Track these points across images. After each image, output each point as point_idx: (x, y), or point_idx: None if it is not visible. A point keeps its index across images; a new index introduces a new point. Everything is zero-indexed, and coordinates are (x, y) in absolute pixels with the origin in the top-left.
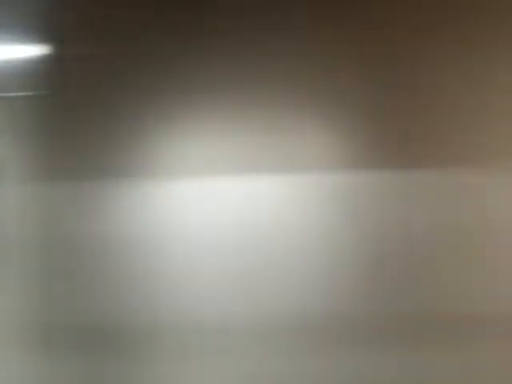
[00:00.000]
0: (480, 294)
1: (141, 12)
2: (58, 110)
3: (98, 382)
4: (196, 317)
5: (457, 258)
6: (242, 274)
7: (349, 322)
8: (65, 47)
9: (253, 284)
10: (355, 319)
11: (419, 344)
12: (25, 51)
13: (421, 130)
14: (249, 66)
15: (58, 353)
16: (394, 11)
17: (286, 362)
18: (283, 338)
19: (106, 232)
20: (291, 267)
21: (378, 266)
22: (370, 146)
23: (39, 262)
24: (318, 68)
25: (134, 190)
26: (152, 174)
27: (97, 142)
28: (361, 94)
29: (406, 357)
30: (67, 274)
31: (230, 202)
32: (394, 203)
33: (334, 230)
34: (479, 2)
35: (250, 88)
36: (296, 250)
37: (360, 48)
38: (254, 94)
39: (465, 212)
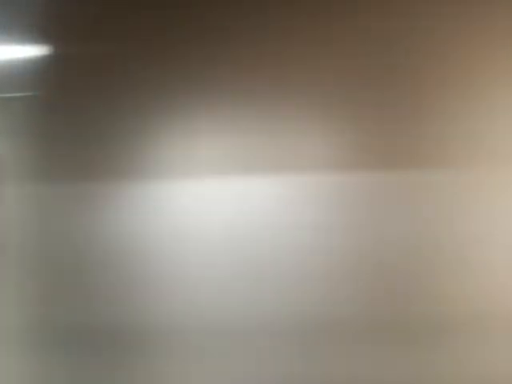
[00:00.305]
0: (477, 295)
1: (141, 11)
2: (57, 110)
3: (97, 382)
4: (195, 317)
5: (455, 258)
6: (242, 274)
7: (348, 322)
8: (64, 47)
9: (253, 285)
10: (354, 319)
11: (419, 345)
12: (24, 51)
13: (421, 131)
14: (249, 66)
15: (58, 353)
16: (394, 13)
17: (285, 363)
18: (282, 339)
19: (106, 232)
20: (291, 268)
21: (376, 266)
22: (370, 147)
23: (39, 262)
24: (318, 68)
25: (133, 190)
26: (152, 174)
27: (97, 141)
28: (360, 95)
29: (406, 358)
30: (67, 274)
31: (231, 203)
32: (393, 203)
33: (334, 230)
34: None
35: (249, 89)
36: (296, 251)
37: (360, 48)
38: (253, 94)
39: (463, 212)
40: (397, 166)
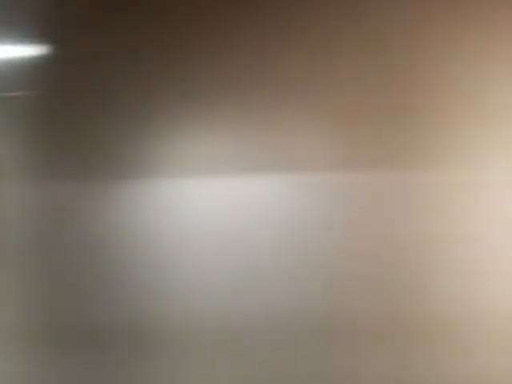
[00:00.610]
0: (476, 295)
1: (141, 12)
2: (57, 109)
3: (98, 383)
4: (196, 316)
5: (453, 257)
6: (242, 273)
7: (348, 322)
8: (64, 47)
9: (252, 284)
10: (354, 319)
11: (419, 345)
12: (24, 51)
13: (419, 131)
14: (248, 66)
15: (58, 353)
16: (390, 14)
17: (285, 362)
18: (283, 338)
19: (106, 231)
20: (291, 267)
21: (376, 266)
22: (370, 147)
23: (39, 262)
24: (317, 69)
25: (134, 189)
26: (152, 173)
27: (96, 141)
28: (360, 95)
29: (404, 356)
30: (67, 274)
31: (230, 203)
32: (392, 203)
33: (333, 230)
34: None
35: (250, 89)
36: (296, 250)
37: (360, 49)
38: (253, 94)
39: (463, 211)
40: (396, 166)
